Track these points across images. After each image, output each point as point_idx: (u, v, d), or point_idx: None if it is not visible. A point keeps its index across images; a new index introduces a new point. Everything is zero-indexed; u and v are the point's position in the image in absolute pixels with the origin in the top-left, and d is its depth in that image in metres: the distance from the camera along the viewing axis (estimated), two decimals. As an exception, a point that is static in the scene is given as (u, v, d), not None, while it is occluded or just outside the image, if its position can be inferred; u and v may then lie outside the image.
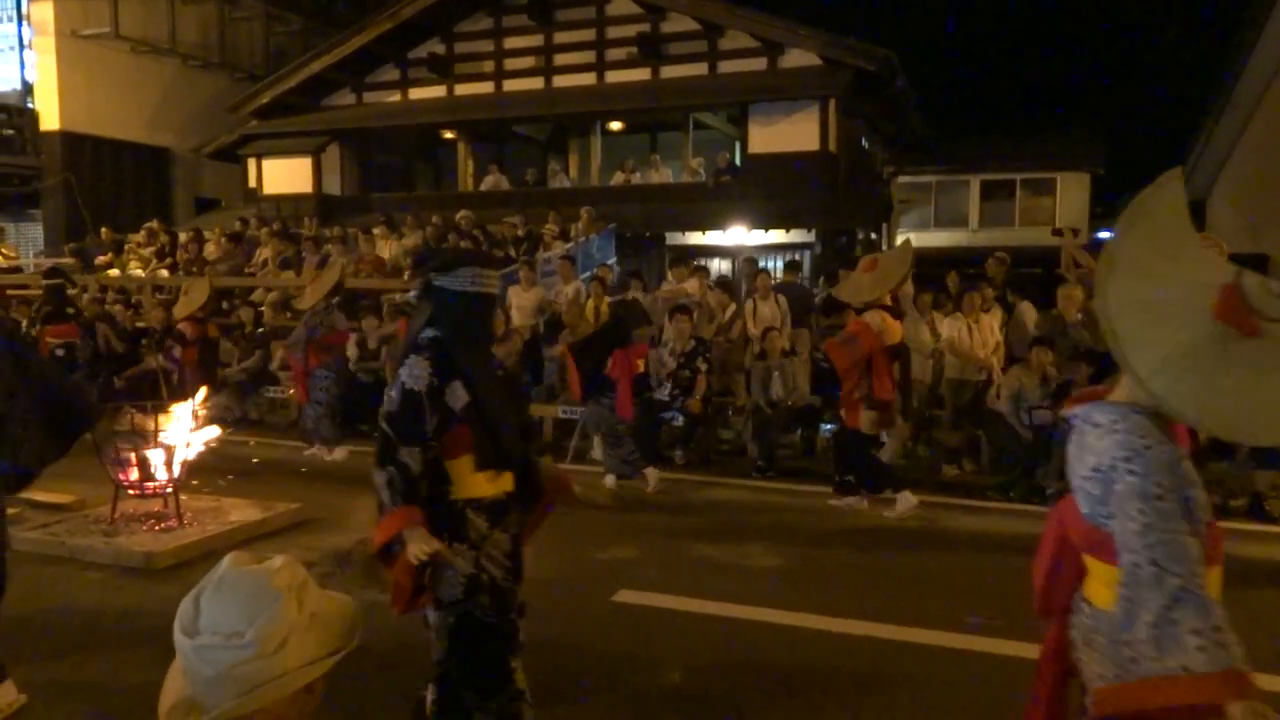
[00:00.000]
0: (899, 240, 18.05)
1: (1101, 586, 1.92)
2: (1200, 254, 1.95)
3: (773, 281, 9.64)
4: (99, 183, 17.81)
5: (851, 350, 6.21)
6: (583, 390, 7.25)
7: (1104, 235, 20.03)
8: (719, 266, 14.36)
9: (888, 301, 6.36)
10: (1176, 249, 1.89)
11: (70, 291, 10.67)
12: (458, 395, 2.73)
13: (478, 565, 2.80)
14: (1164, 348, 1.78)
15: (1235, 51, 13.52)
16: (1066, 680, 2.08)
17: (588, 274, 10.72)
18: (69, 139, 17.36)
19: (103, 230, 14.96)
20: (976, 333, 7.86)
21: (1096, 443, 1.86)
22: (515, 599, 2.93)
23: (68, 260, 13.87)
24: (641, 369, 7.32)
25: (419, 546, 2.59)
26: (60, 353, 9.45)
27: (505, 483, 2.86)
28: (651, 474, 7.06)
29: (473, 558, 2.80)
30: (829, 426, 8.37)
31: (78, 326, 10.01)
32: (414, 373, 2.70)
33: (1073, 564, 2.01)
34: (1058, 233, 8.63)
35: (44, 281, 9.74)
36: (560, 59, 15.95)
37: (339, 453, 8.24)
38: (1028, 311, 8.16)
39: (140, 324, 10.92)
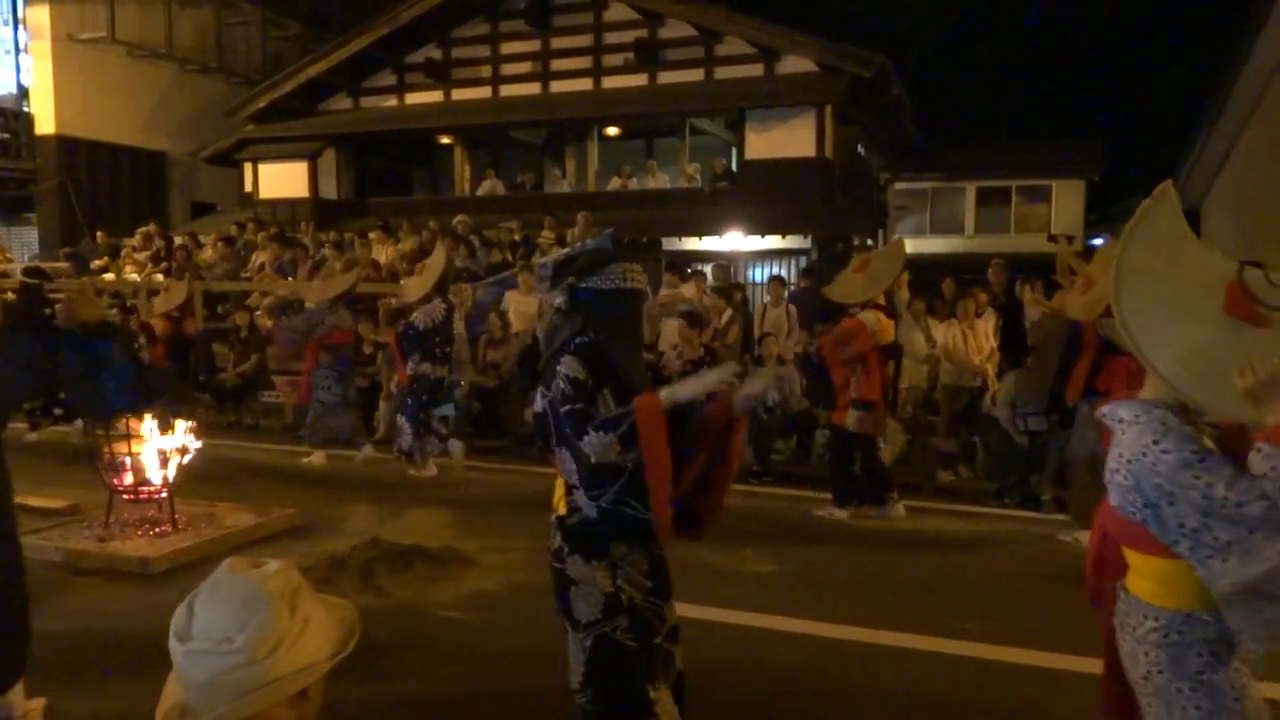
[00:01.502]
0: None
1: (1133, 574, 2.09)
2: (1203, 254, 2.07)
3: (789, 289, 9.65)
4: (95, 187, 17.79)
5: (845, 349, 6.24)
6: None
7: (1098, 241, 20.08)
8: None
9: (881, 301, 6.39)
10: (1179, 252, 2.02)
11: (54, 294, 10.60)
12: (607, 403, 2.62)
13: (615, 584, 2.66)
14: (1182, 345, 1.91)
15: (1230, 61, 13.58)
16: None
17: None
18: (64, 143, 17.33)
19: (98, 234, 14.94)
20: (971, 339, 7.88)
21: (1122, 436, 2.01)
22: (662, 621, 2.77)
23: (60, 264, 13.84)
24: None
25: (694, 385, 2.57)
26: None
27: None
28: None
29: (610, 576, 2.66)
30: (824, 432, 8.38)
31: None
32: (571, 368, 2.58)
33: (1115, 555, 2.16)
34: (1053, 239, 8.66)
35: (22, 279, 9.67)
36: (557, 64, 15.96)
37: (317, 459, 8.11)
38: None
39: (135, 329, 10.89)
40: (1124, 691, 2.18)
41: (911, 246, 19.00)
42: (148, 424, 5.55)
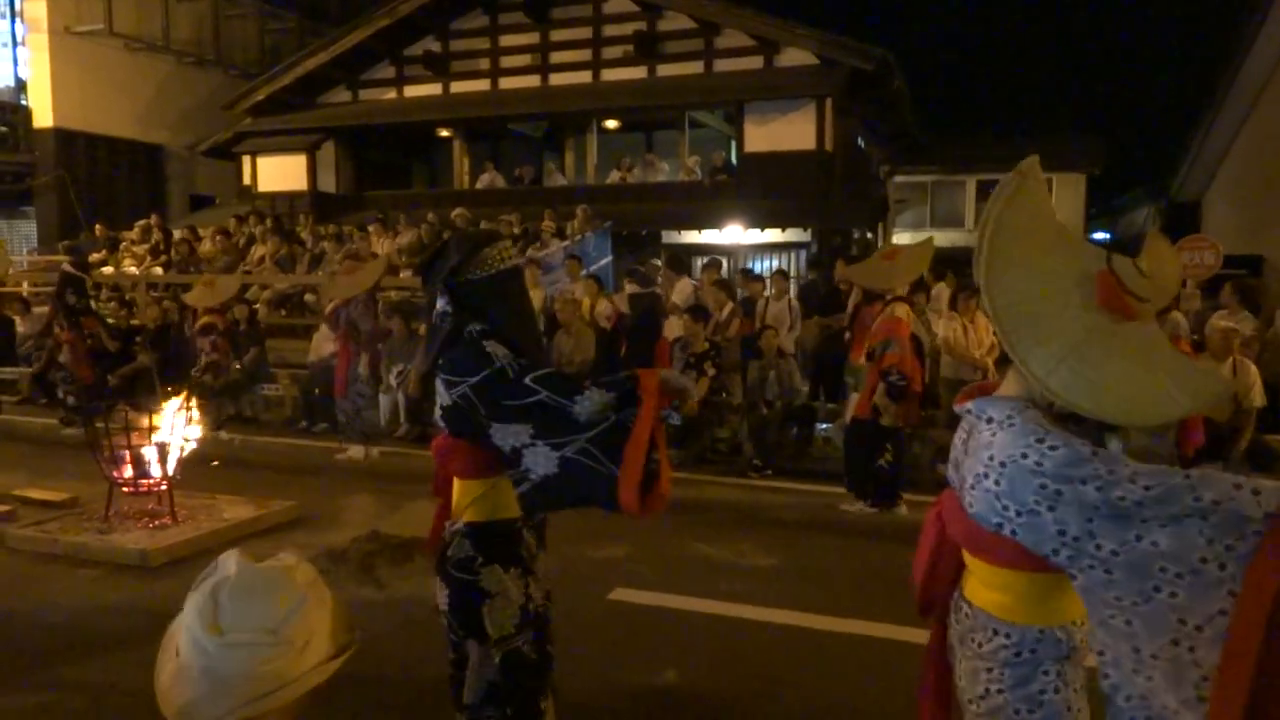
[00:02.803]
0: (894, 239, 18.13)
1: (981, 586, 1.93)
2: (1073, 243, 1.91)
3: (797, 279, 9.64)
4: (93, 180, 17.76)
5: (904, 353, 6.15)
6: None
7: (1098, 236, 20.07)
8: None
9: (901, 293, 6.36)
10: (1050, 240, 1.84)
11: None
12: None
13: (527, 593, 2.52)
14: (1056, 343, 1.74)
15: (1231, 54, 13.56)
16: (949, 678, 2.05)
17: (583, 273, 10.73)
18: (62, 136, 17.29)
19: (96, 227, 14.91)
20: (972, 332, 7.87)
21: (992, 438, 1.81)
22: (549, 622, 2.63)
23: (60, 258, 13.83)
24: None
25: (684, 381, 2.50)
26: (90, 342, 9.45)
27: None
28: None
29: (523, 584, 2.51)
30: (825, 426, 8.38)
31: (96, 318, 9.95)
32: (496, 350, 2.40)
33: (951, 562, 2.01)
34: None
35: (73, 272, 9.61)
36: (556, 57, 15.93)
37: (355, 453, 8.11)
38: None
39: (135, 322, 10.88)
40: (944, 711, 2.07)
41: (911, 240, 18.96)
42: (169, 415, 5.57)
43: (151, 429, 5.53)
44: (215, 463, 6.39)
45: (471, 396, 2.39)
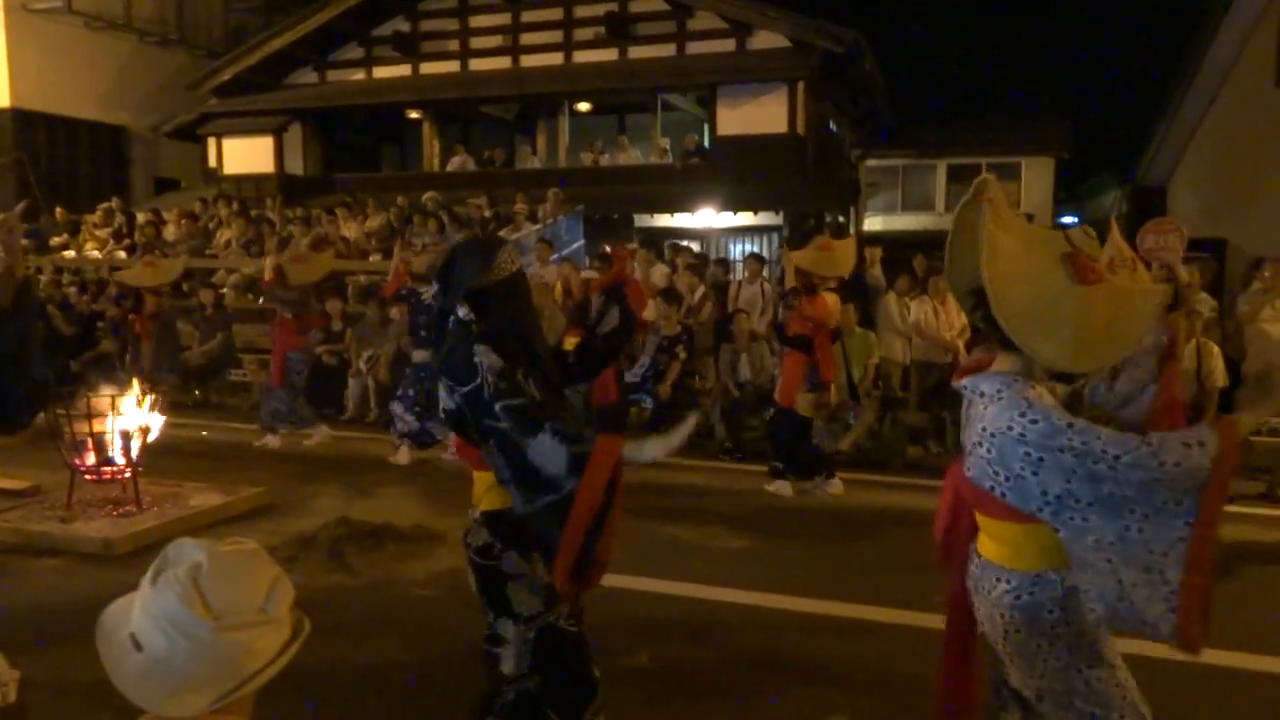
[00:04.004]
0: (866, 223, 18.24)
1: (986, 539, 2.18)
2: (1040, 235, 2.11)
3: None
4: (53, 162, 17.36)
5: (823, 332, 6.27)
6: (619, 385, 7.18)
7: (1067, 220, 20.26)
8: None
9: (832, 284, 6.45)
10: (1025, 241, 2.05)
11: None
12: (532, 390, 2.54)
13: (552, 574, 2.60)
14: (1063, 329, 1.96)
15: (1196, 41, 13.71)
16: (972, 626, 2.28)
17: (554, 257, 10.66)
18: (21, 116, 16.87)
19: (57, 210, 14.60)
20: (943, 315, 7.92)
21: (984, 410, 2.05)
22: (582, 609, 2.78)
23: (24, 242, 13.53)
24: None
25: (660, 446, 2.51)
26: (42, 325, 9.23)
27: None
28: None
29: (545, 568, 2.61)
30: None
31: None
32: (488, 357, 2.48)
33: (967, 519, 2.27)
34: (1030, 218, 8.74)
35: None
36: (527, 38, 15.77)
37: (320, 435, 8.05)
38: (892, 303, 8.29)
39: (96, 307, 10.68)
40: (963, 648, 2.31)
41: (883, 224, 19.07)
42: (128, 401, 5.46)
43: (115, 415, 5.43)
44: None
45: (463, 407, 2.54)
